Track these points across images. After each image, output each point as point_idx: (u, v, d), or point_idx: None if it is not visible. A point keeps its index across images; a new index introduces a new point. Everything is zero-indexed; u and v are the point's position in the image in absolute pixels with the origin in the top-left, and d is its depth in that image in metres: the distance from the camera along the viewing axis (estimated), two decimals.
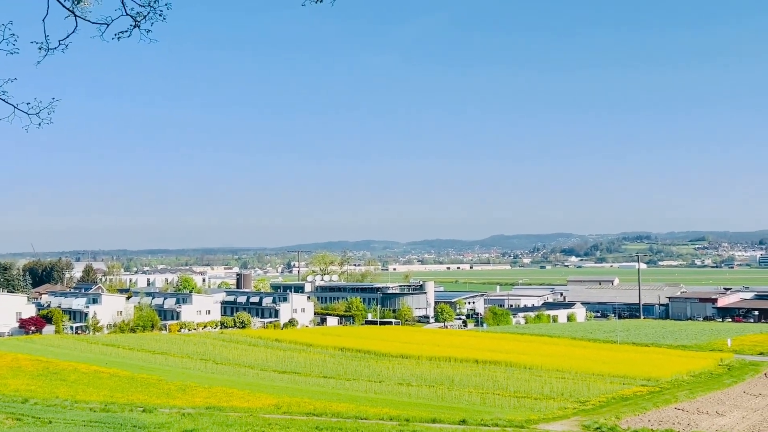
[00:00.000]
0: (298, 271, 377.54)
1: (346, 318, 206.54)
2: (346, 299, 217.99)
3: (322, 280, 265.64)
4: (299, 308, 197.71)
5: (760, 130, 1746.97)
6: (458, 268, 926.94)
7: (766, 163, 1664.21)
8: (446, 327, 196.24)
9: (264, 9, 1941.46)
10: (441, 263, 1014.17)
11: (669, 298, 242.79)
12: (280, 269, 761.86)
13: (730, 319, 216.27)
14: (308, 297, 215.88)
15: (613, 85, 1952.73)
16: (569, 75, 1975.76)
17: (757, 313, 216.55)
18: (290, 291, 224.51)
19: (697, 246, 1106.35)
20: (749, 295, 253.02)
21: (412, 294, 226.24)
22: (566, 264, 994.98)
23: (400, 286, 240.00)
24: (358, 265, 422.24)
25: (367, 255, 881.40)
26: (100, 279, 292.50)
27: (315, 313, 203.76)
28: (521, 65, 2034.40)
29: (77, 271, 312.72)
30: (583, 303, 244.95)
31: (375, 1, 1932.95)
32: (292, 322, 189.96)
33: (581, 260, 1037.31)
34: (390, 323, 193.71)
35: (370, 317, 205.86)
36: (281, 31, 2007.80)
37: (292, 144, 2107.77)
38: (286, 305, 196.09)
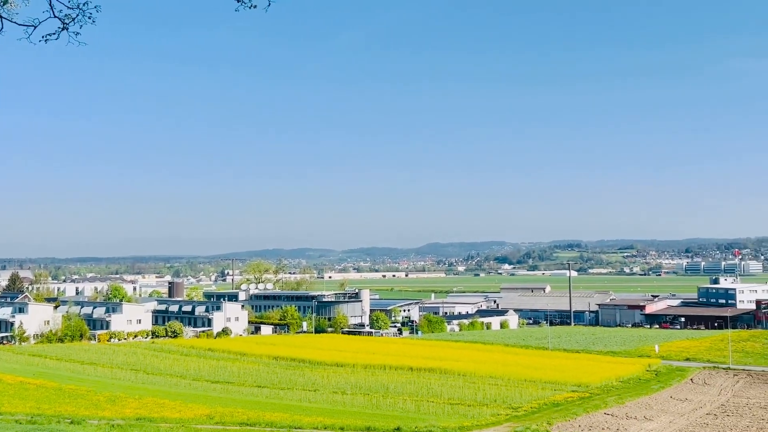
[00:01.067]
0: (232, 280, 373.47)
1: (281, 326, 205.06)
2: (281, 308, 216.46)
3: (257, 288, 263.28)
4: (233, 317, 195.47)
5: (684, 143, 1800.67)
6: (394, 276, 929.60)
7: (692, 175, 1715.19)
8: (382, 335, 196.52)
9: (186, 19, 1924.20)
10: (377, 271, 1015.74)
11: (599, 305, 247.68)
12: (213, 278, 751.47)
13: (657, 326, 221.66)
14: (242, 306, 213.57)
15: (538, 98, 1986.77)
16: (496, 89, 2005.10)
17: (683, 319, 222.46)
18: (224, 300, 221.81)
19: (626, 254, 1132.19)
20: (676, 302, 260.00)
21: (347, 302, 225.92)
22: (500, 272, 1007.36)
23: (335, 294, 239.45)
24: (294, 273, 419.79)
25: (302, 263, 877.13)
26: (27, 288, 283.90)
27: (249, 322, 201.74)
28: (451, 80, 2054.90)
29: (2, 280, 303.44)
30: (515, 310, 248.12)
31: (305, 13, 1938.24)
32: (225, 331, 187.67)
33: (514, 268, 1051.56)
34: (363, 333, 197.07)
35: (304, 326, 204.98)
36: (208, 44, 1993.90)
37: (226, 154, 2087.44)
38: (220, 314, 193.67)
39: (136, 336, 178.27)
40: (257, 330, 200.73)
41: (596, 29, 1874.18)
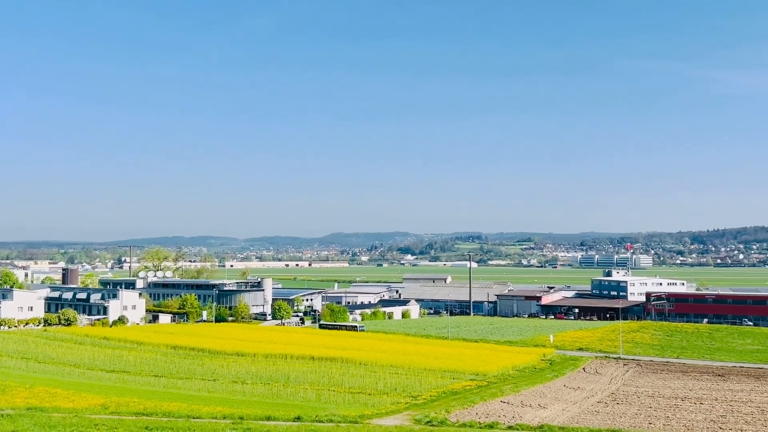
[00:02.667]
0: (130, 267, 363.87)
1: (180, 315, 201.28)
2: (181, 296, 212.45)
3: (155, 276, 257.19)
4: (130, 305, 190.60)
5: (581, 140, 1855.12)
6: (297, 265, 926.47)
7: (588, 171, 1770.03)
8: (284, 324, 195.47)
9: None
10: (280, 260, 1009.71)
11: (497, 295, 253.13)
12: (110, 265, 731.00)
13: (552, 316, 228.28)
14: (140, 294, 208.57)
15: (438, 90, 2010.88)
16: (395, 80, 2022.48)
17: (577, 310, 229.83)
18: (120, 287, 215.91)
19: (524, 246, 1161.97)
20: (570, 294, 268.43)
21: (249, 291, 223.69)
22: (403, 262, 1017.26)
23: (237, 282, 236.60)
24: (194, 262, 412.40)
25: (203, 251, 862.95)
26: None
27: (147, 311, 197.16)
28: (352, 69, 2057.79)
29: None
30: (417, 300, 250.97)
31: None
32: (122, 320, 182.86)
33: (417, 258, 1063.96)
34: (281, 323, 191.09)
35: (204, 315, 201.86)
36: (99, 24, 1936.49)
37: (124, 138, 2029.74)
38: (116, 302, 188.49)
39: (27, 324, 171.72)
40: (155, 319, 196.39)
41: (496, 25, 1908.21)
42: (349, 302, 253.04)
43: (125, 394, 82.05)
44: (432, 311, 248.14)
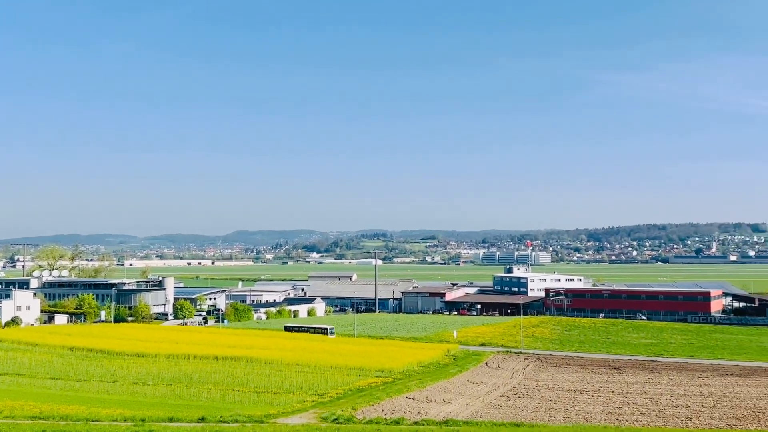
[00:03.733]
0: (23, 266, 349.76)
1: (78, 316, 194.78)
2: (78, 296, 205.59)
3: (51, 275, 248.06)
4: (24, 305, 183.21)
5: (484, 138, 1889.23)
6: (200, 263, 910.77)
7: (488, 169, 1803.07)
8: (186, 324, 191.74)
9: None
10: (182, 259, 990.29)
11: (402, 292, 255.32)
12: (2, 264, 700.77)
13: (456, 312, 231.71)
14: (34, 294, 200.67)
15: (338, 83, 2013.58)
16: (304, 71, 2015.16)
17: (480, 306, 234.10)
18: (14, 287, 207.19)
19: (428, 244, 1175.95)
20: (473, 290, 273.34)
21: (150, 290, 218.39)
22: (308, 260, 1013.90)
23: (137, 282, 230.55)
24: (92, 260, 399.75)
25: (101, 249, 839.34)
26: None
27: (42, 311, 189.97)
28: (269, 61, 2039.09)
29: None
30: (323, 298, 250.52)
31: None
32: (15, 321, 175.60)
33: (322, 256, 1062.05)
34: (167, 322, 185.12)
35: (103, 315, 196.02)
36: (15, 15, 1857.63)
37: (18, 131, 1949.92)
38: (9, 302, 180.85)
39: None
40: (51, 319, 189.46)
41: (379, 16, 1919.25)
42: (253, 301, 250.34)
43: (20, 397, 78.88)
44: (338, 309, 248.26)
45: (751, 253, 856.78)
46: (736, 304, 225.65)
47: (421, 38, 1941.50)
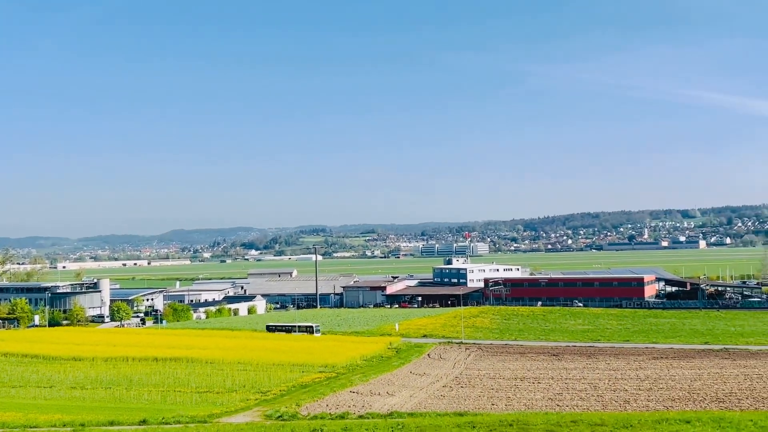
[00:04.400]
0: None
1: (10, 321, 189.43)
2: (10, 301, 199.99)
3: None
4: None
5: (420, 131, 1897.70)
6: (135, 264, 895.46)
7: (426, 162, 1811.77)
8: (123, 326, 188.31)
9: None
10: (117, 260, 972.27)
11: (343, 287, 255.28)
12: None
13: (397, 305, 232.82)
14: None
15: (262, 80, 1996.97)
16: (231, 69, 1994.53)
17: (420, 298, 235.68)
18: None
19: (368, 238, 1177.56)
20: (413, 283, 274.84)
21: (85, 293, 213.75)
22: (247, 257, 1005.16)
23: (71, 284, 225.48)
24: (23, 264, 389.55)
25: (32, 252, 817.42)
26: None
27: None
28: (194, 58, 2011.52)
29: None
30: (263, 295, 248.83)
31: None
32: None
33: (261, 253, 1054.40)
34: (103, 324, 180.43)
35: (37, 320, 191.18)
36: None
37: None
38: None
39: None
40: None
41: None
42: (192, 300, 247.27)
43: None
44: (279, 306, 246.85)
45: (682, 238, 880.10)
46: (668, 288, 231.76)
47: (354, 36, 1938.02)
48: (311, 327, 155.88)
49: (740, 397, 78.26)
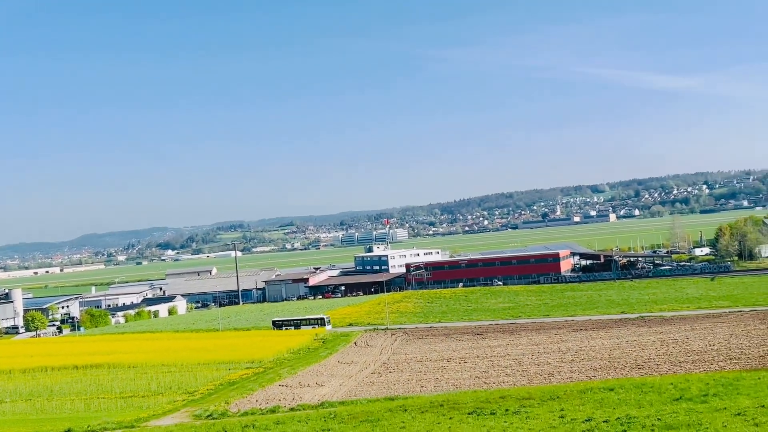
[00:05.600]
0: None
1: None
2: None
3: None
4: None
5: (337, 120, 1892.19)
6: (47, 272, 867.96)
7: (340, 151, 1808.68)
8: (39, 335, 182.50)
9: None
10: (27, 268, 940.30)
11: (265, 282, 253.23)
12: None
13: (321, 296, 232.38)
14: None
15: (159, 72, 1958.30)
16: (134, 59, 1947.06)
17: (344, 288, 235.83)
18: None
19: (286, 231, 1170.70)
20: (336, 273, 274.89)
21: None
22: (163, 258, 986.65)
23: None
24: None
25: None
26: None
27: None
28: (83, 52, 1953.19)
29: None
30: (183, 295, 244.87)
31: None
32: None
33: (178, 253, 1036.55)
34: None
35: None
36: None
37: None
38: None
39: None
40: None
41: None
42: (109, 305, 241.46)
43: None
44: (200, 305, 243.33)
45: (593, 213, 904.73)
46: (583, 262, 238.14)
47: (250, 22, 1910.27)
48: (322, 319, 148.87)
49: (658, 363, 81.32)
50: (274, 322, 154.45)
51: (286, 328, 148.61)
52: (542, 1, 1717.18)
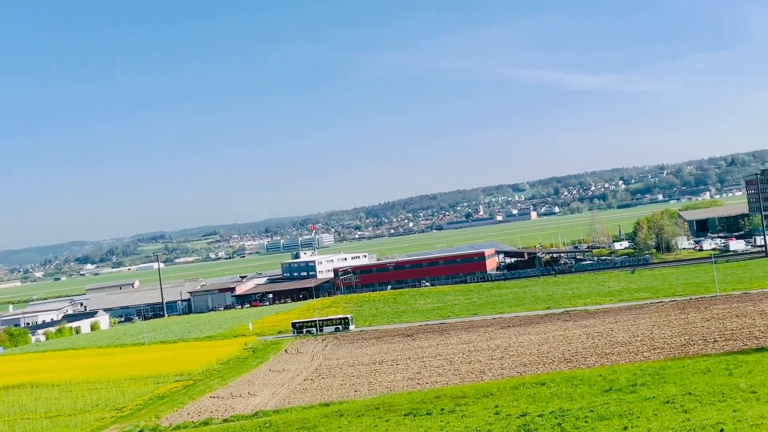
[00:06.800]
0: None
1: None
2: None
3: None
4: None
5: (258, 127, 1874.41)
6: None
7: (263, 159, 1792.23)
8: None
9: None
10: None
11: (190, 293, 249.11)
12: None
13: (249, 305, 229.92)
14: None
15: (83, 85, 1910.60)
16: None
17: (271, 295, 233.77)
18: None
19: (210, 240, 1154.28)
20: (263, 281, 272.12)
21: None
22: (83, 273, 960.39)
23: None
24: None
25: None
26: None
27: None
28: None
29: None
30: (106, 310, 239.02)
31: None
32: None
33: (98, 267, 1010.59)
34: None
35: None
36: None
37: None
38: None
39: None
40: None
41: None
42: (29, 323, 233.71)
43: None
44: (123, 319, 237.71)
45: (514, 211, 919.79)
46: (508, 260, 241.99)
47: (166, 31, 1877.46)
48: (346, 319, 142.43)
49: (585, 356, 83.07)
50: (293, 325, 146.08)
51: (307, 331, 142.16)
52: (462, 3, 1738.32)
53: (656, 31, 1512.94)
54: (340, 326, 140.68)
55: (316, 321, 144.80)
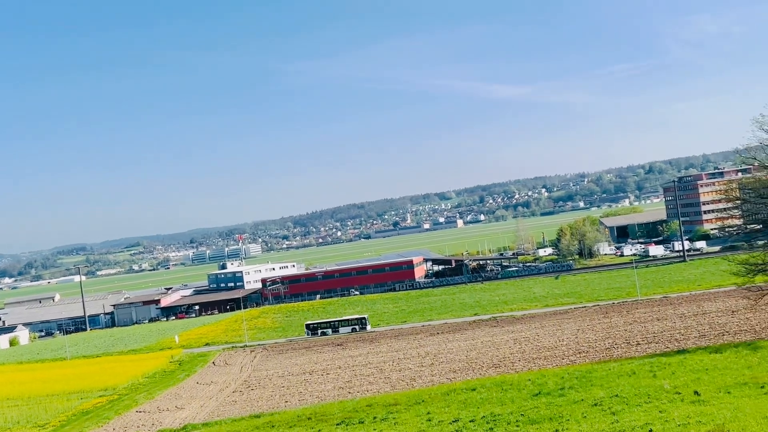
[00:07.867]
0: None
1: None
2: None
3: None
4: None
5: (181, 139, 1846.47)
6: None
7: (188, 169, 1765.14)
8: None
9: None
10: None
11: (113, 305, 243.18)
12: None
13: (174, 317, 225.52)
14: None
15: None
16: None
17: (198, 307, 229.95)
18: None
19: (133, 252, 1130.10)
20: (189, 292, 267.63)
21: None
22: (0, 287, 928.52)
23: None
24: None
25: None
26: None
27: None
28: None
29: None
30: (25, 324, 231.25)
31: None
32: None
33: (16, 280, 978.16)
34: None
35: None
36: None
37: None
38: None
39: None
40: None
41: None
42: None
43: None
44: (44, 333, 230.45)
45: (441, 219, 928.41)
46: (436, 267, 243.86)
47: (84, 40, 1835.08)
48: (363, 319, 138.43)
49: (513, 360, 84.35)
50: (307, 326, 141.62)
51: (323, 332, 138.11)
52: (385, 13, 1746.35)
53: (575, 42, 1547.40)
54: (357, 326, 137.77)
55: (331, 322, 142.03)
